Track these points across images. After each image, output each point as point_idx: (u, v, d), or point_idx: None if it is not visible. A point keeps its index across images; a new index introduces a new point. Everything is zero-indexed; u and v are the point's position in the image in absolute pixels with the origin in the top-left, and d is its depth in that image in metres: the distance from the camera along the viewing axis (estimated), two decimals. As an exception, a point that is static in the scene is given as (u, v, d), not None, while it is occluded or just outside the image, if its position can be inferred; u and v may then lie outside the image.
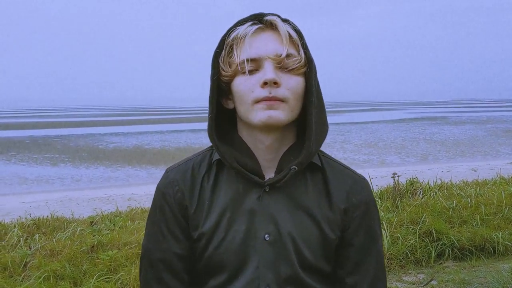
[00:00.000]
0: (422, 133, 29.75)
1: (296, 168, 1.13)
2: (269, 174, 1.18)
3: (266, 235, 1.14)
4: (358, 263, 1.21)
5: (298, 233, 1.15)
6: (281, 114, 1.10)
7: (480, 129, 32.11)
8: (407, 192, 6.79)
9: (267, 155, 1.18)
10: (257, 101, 1.09)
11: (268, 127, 1.13)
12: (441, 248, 5.07)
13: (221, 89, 1.17)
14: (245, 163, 1.15)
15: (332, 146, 22.38)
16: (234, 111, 1.19)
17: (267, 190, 1.15)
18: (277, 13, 1.16)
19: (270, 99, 1.09)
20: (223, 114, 1.21)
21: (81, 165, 18.42)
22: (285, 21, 1.14)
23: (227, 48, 1.14)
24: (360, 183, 1.24)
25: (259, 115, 1.10)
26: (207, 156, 1.23)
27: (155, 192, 1.25)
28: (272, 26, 1.13)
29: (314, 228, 1.16)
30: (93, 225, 5.99)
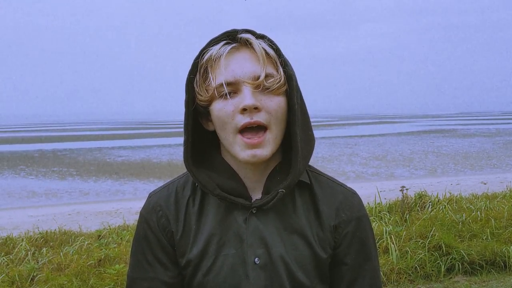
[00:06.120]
0: (431, 146, 29.60)
1: (284, 191, 1.08)
2: (256, 194, 1.13)
3: (256, 259, 1.09)
4: (352, 282, 1.16)
5: (290, 256, 1.10)
6: (266, 151, 1.06)
7: (489, 142, 31.90)
8: (416, 205, 6.73)
9: (252, 178, 1.14)
10: (239, 130, 1.05)
11: (253, 164, 1.09)
12: (450, 262, 5.01)
13: (199, 111, 1.12)
14: (229, 186, 1.11)
15: (340, 159, 22.30)
16: (215, 132, 1.13)
17: (254, 212, 1.11)
18: (253, 29, 1.10)
19: (252, 125, 1.04)
20: (203, 135, 1.16)
21: (89, 178, 18.47)
22: (261, 37, 1.08)
23: (201, 70, 1.08)
24: (350, 198, 1.19)
25: (242, 154, 1.06)
26: (191, 178, 1.17)
27: (139, 218, 1.20)
28: (247, 44, 1.07)
29: (306, 249, 1.12)
30: (101, 239, 5.99)
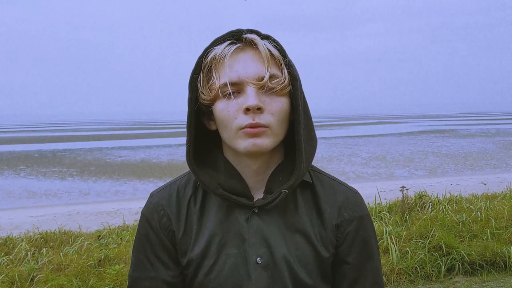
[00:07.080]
0: (431, 146, 29.58)
1: (287, 191, 1.09)
2: (258, 193, 1.13)
3: (258, 258, 1.09)
4: (354, 281, 1.16)
5: (293, 255, 1.10)
6: (266, 141, 1.05)
7: (489, 142, 31.88)
8: (416, 205, 6.74)
9: (254, 177, 1.13)
10: (241, 128, 1.05)
11: (253, 154, 1.09)
12: (451, 262, 5.02)
13: (201, 110, 1.12)
14: (231, 186, 1.11)
15: (340, 160, 22.29)
16: (217, 131, 1.13)
17: (256, 211, 1.11)
18: (257, 29, 1.09)
19: (254, 126, 1.04)
20: (205, 134, 1.16)
21: (89, 179, 18.47)
22: (266, 37, 1.08)
23: (205, 70, 1.08)
24: (352, 197, 1.19)
25: (243, 143, 1.05)
26: (192, 177, 1.18)
27: (140, 217, 1.20)
28: (252, 45, 1.07)
29: (308, 249, 1.12)
30: (100, 239, 5.99)
